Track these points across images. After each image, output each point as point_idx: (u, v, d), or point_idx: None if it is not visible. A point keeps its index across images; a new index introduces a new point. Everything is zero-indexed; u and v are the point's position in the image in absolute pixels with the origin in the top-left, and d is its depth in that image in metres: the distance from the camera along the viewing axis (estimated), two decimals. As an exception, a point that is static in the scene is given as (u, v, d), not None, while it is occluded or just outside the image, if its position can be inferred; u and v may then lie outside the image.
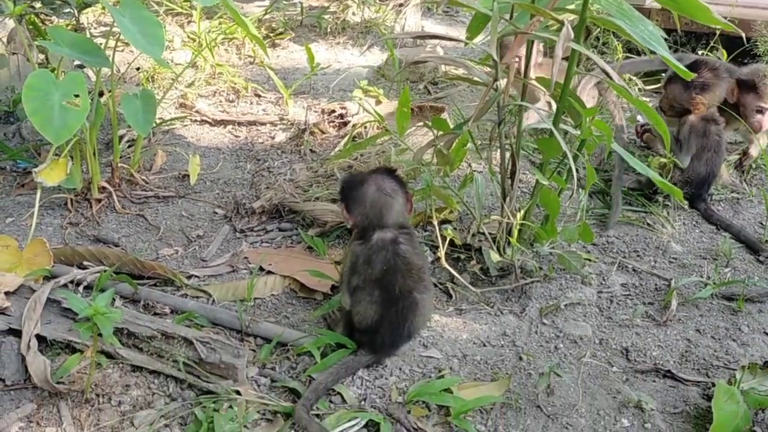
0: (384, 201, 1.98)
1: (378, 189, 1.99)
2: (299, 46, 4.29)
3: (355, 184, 2.03)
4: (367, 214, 1.99)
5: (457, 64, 2.53)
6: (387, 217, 1.99)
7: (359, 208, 2.00)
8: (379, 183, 2.00)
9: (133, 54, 3.64)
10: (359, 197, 2.00)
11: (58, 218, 2.67)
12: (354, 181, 2.05)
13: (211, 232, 2.66)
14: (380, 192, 1.99)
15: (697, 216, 2.79)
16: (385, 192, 1.99)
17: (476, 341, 2.14)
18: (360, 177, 2.06)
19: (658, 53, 2.08)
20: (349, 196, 2.03)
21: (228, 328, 2.13)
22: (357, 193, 2.01)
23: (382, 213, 1.98)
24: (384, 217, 1.98)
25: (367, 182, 2.01)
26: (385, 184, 2.00)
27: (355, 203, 2.01)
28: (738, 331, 2.23)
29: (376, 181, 2.01)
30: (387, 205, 1.99)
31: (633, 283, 2.43)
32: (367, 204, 1.99)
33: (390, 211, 1.99)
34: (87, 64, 2.70)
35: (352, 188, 2.03)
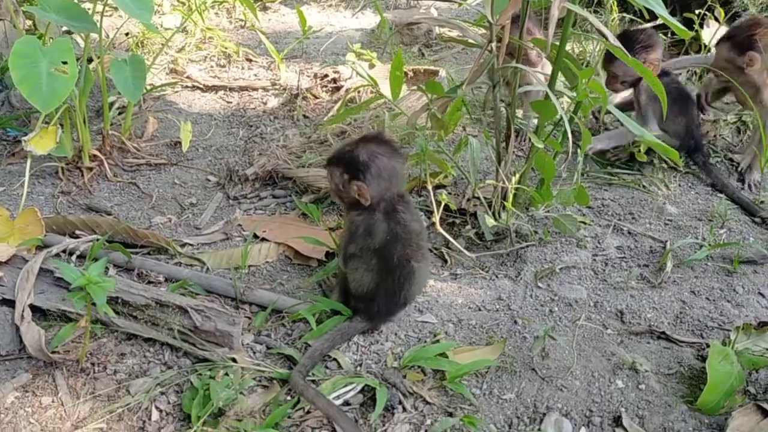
0: (400, 169, 1.92)
1: (390, 158, 1.89)
2: (291, 9, 4.22)
3: (369, 159, 1.87)
4: (389, 186, 1.90)
5: (452, 26, 2.48)
6: (399, 183, 1.94)
7: (381, 183, 1.88)
8: (387, 151, 1.90)
9: (122, 19, 3.58)
10: (379, 171, 1.87)
11: (50, 187, 2.65)
12: (363, 155, 1.88)
13: (205, 200, 2.64)
14: (390, 159, 1.89)
15: (693, 178, 2.77)
16: (399, 159, 1.92)
17: (471, 306, 2.14)
18: (366, 150, 1.89)
19: (656, 11, 2.05)
20: (366, 173, 1.86)
21: (223, 295, 2.12)
22: (375, 168, 1.87)
23: (396, 180, 1.92)
24: (400, 185, 1.94)
25: (377, 154, 1.88)
26: (392, 151, 1.91)
27: (376, 178, 1.87)
28: (733, 292, 2.24)
29: (382, 150, 1.89)
30: (401, 173, 1.93)
31: (628, 246, 2.42)
32: (386, 177, 1.88)
33: (400, 177, 1.94)
34: (75, 29, 2.65)
35: (368, 164, 1.86)
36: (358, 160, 1.88)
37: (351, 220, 1.96)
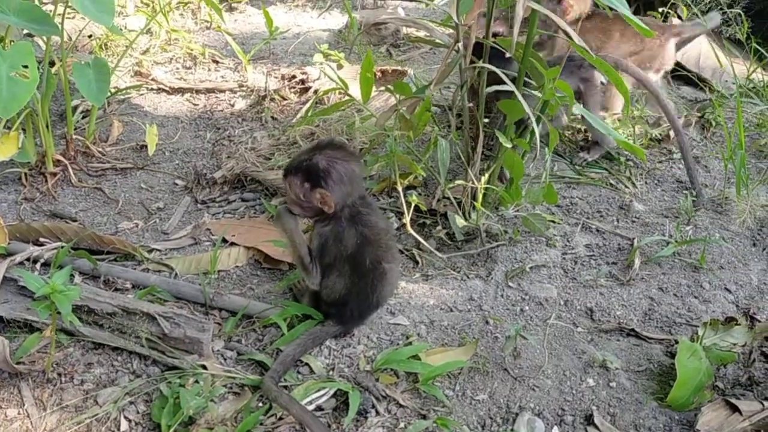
0: (359, 171, 1.90)
1: (348, 162, 1.87)
2: (257, 10, 4.19)
3: (329, 165, 1.85)
4: (351, 191, 1.88)
5: (419, 26, 2.49)
6: (359, 187, 1.92)
7: (343, 188, 1.85)
8: (344, 155, 1.88)
9: (85, 21, 3.51)
10: (340, 177, 1.84)
11: (13, 194, 2.59)
12: (323, 162, 1.85)
13: (172, 204, 2.60)
14: (353, 163, 1.88)
15: (659, 175, 2.80)
16: (356, 162, 1.90)
17: (443, 307, 2.14)
18: (324, 156, 1.86)
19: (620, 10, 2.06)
20: (328, 180, 1.83)
21: (192, 301, 2.10)
22: (336, 173, 1.84)
23: (357, 184, 1.90)
24: (360, 189, 1.92)
25: (335, 159, 1.85)
26: (348, 155, 1.90)
27: (337, 184, 1.84)
28: (700, 288, 2.27)
29: (339, 155, 1.87)
30: (360, 176, 1.91)
31: (597, 244, 2.44)
32: (347, 181, 1.85)
33: (360, 180, 1.92)
34: (36, 32, 2.60)
35: (329, 171, 1.84)
36: (318, 167, 1.84)
37: (318, 233, 1.92)
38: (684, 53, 3.44)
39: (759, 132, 3.06)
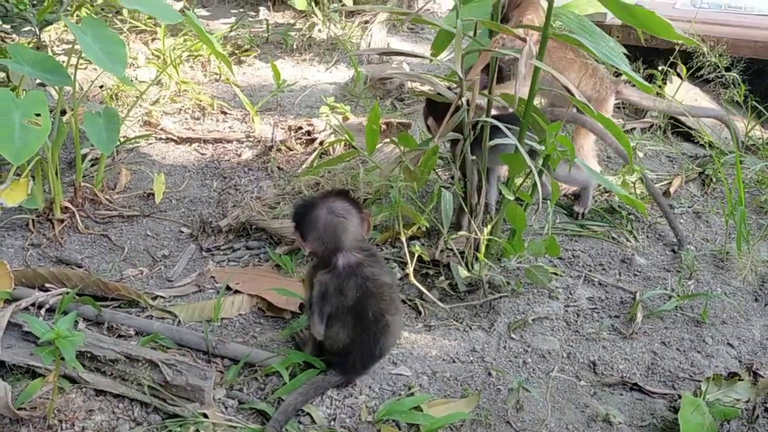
0: (337, 223, 1.90)
1: (329, 211, 1.90)
2: (265, 63, 4.28)
3: (306, 209, 1.94)
4: (322, 238, 1.91)
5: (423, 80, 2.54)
6: (343, 239, 1.91)
7: (313, 233, 1.91)
8: (330, 205, 1.91)
9: (96, 71, 3.60)
10: (311, 221, 1.91)
11: (20, 239, 2.62)
12: (305, 206, 1.96)
13: (177, 252, 2.62)
14: (332, 214, 1.90)
15: (660, 229, 2.83)
16: (337, 213, 1.90)
17: (445, 358, 2.14)
18: (311, 201, 1.97)
19: (620, 68, 2.12)
20: (301, 222, 1.94)
21: (194, 349, 2.10)
22: (309, 217, 1.92)
23: (337, 235, 1.90)
24: (340, 239, 1.91)
25: (318, 206, 1.92)
26: (337, 206, 1.91)
27: (308, 228, 1.92)
28: (702, 342, 2.26)
29: (327, 203, 1.92)
30: (341, 227, 1.90)
31: (599, 297, 2.45)
32: (320, 227, 1.90)
33: (345, 232, 1.91)
34: (49, 82, 2.66)
35: (304, 213, 1.94)
36: (298, 210, 1.97)
37: (319, 280, 1.93)
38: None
39: (759, 188, 3.09)
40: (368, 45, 4.42)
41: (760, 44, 3.70)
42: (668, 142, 3.44)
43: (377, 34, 4.51)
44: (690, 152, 3.38)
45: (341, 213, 1.91)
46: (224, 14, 5.04)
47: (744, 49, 3.65)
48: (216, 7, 5.19)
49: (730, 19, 3.92)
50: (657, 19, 2.05)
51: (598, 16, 3.45)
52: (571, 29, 2.17)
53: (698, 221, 2.90)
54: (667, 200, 3.00)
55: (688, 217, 2.93)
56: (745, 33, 3.74)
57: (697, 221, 2.90)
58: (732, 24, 3.83)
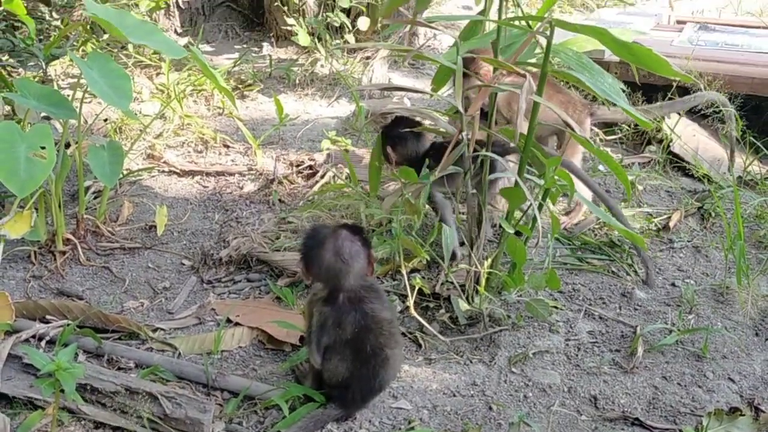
0: (339, 268, 1.89)
1: (335, 254, 1.88)
2: (268, 98, 4.32)
3: (315, 245, 1.93)
4: (324, 277, 1.93)
5: (424, 115, 2.58)
6: (344, 282, 1.91)
7: (315, 270, 1.93)
8: (338, 247, 1.89)
9: (101, 105, 3.64)
10: (316, 260, 1.92)
11: (21, 271, 2.63)
12: (314, 241, 1.94)
13: (178, 284, 2.63)
14: (337, 257, 1.88)
15: (660, 263, 2.83)
16: (342, 258, 1.88)
17: (446, 391, 2.14)
18: (321, 236, 1.94)
19: (618, 104, 2.15)
20: (307, 255, 1.95)
21: (194, 382, 2.09)
22: (314, 254, 1.92)
23: (339, 278, 1.90)
24: (341, 282, 1.91)
25: (326, 245, 1.90)
26: (344, 249, 1.89)
27: (312, 264, 1.93)
28: (703, 377, 2.26)
29: (336, 243, 1.89)
30: (343, 272, 1.90)
31: (599, 331, 2.45)
32: (323, 267, 1.91)
33: (347, 276, 1.91)
34: (54, 116, 2.70)
35: (311, 248, 1.94)
36: (307, 241, 1.98)
37: (319, 311, 1.94)
38: (683, 145, 3.53)
39: (758, 223, 3.11)
40: (370, 80, 4.47)
41: (757, 81, 3.74)
42: (667, 176, 3.46)
43: (378, 70, 4.56)
44: (689, 187, 3.40)
45: (347, 258, 1.89)
46: (228, 50, 5.11)
47: (741, 85, 3.69)
48: (220, 42, 5.26)
49: (727, 56, 3.97)
50: (654, 57, 2.08)
51: (597, 53, 3.50)
52: (570, 66, 2.20)
53: (698, 255, 2.91)
54: (667, 234, 3.01)
55: (688, 252, 2.94)
56: (742, 70, 3.79)
57: (697, 255, 2.91)
58: (729, 61, 3.88)
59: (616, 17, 4.75)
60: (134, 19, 2.73)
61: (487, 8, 2.44)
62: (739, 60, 3.91)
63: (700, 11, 5.69)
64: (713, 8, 5.84)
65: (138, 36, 2.60)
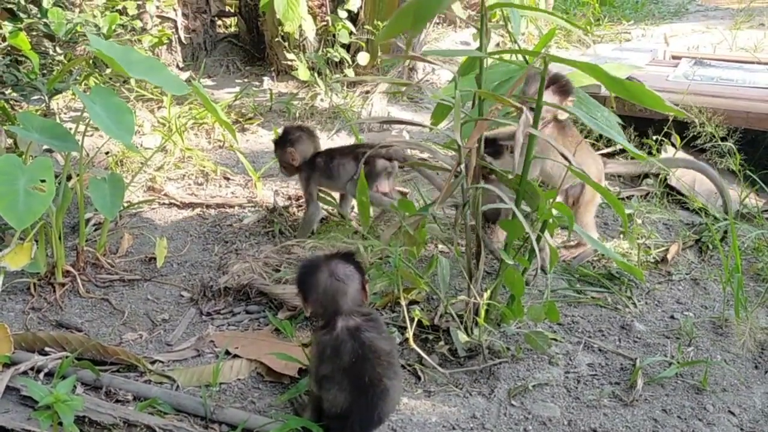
0: (336, 287, 1.95)
1: (331, 275, 1.95)
2: (268, 131, 4.37)
3: (309, 271, 1.99)
4: (322, 301, 1.96)
5: (422, 148, 2.61)
6: (341, 303, 1.95)
7: (313, 295, 1.97)
8: (333, 269, 1.96)
9: (103, 138, 3.68)
10: (312, 284, 1.97)
11: (20, 303, 2.63)
12: (308, 267, 2.01)
13: (177, 316, 2.63)
14: (333, 278, 1.95)
15: (659, 296, 2.84)
16: (337, 278, 1.95)
17: (445, 424, 2.12)
18: (315, 263, 2.02)
19: (614, 138, 2.18)
20: (303, 284, 2.00)
21: (192, 414, 2.09)
22: (310, 279, 1.98)
23: (336, 299, 1.94)
24: (338, 303, 1.95)
25: (321, 268, 1.98)
26: (339, 270, 1.96)
27: (309, 290, 1.98)
28: (703, 410, 2.25)
29: (330, 266, 1.97)
30: (340, 292, 1.95)
31: (599, 363, 2.45)
32: (320, 291, 1.96)
33: (344, 297, 1.95)
34: (56, 148, 2.73)
35: (306, 275, 2.00)
36: (301, 271, 2.02)
37: (317, 341, 1.97)
38: (679, 179, 3.56)
39: (756, 256, 3.12)
40: (369, 114, 4.52)
41: (753, 115, 3.79)
42: (664, 209, 3.48)
43: (378, 104, 4.62)
44: (686, 219, 3.42)
45: (342, 277, 1.96)
46: (229, 84, 5.17)
47: (737, 119, 3.73)
48: (221, 77, 5.33)
49: (723, 91, 4.02)
50: (647, 93, 2.12)
51: (593, 87, 3.55)
52: (566, 100, 2.24)
53: (696, 288, 2.92)
54: (665, 267, 3.02)
55: (686, 284, 2.95)
56: (737, 104, 3.83)
57: (695, 288, 2.92)
58: (725, 96, 3.93)
59: (612, 53, 4.82)
60: (138, 55, 2.77)
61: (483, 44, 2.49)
62: (735, 95, 3.96)
63: (695, 47, 5.78)
64: (708, 44, 5.93)
65: (141, 72, 2.64)
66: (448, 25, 5.83)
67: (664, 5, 7.66)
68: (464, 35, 5.67)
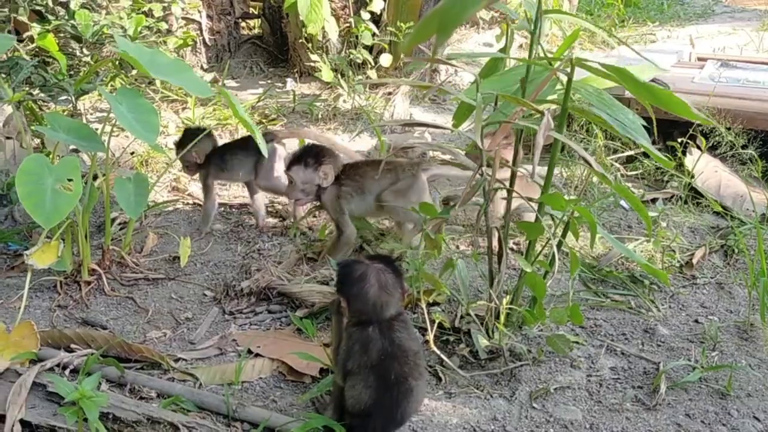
0: (385, 300, 1.94)
1: (380, 287, 1.93)
2: (291, 132, 4.38)
3: (356, 280, 1.94)
4: (368, 311, 1.94)
5: (444, 150, 2.60)
6: (386, 312, 1.95)
7: (359, 305, 1.94)
8: (381, 280, 1.93)
9: (128, 138, 3.72)
10: (361, 295, 1.93)
11: (47, 301, 2.67)
12: (354, 277, 1.95)
13: (200, 315, 2.66)
14: (382, 290, 1.93)
15: (683, 299, 2.81)
16: (387, 291, 1.93)
17: (466, 426, 2.12)
18: (360, 272, 1.95)
19: (639, 141, 2.16)
20: (349, 293, 1.95)
21: (214, 412, 2.10)
22: (358, 290, 1.93)
23: (382, 310, 1.94)
24: (383, 312, 1.94)
25: (369, 279, 1.93)
26: (387, 281, 1.94)
27: (356, 300, 1.94)
28: (728, 415, 2.22)
29: (378, 277, 1.94)
30: (387, 304, 1.94)
31: (622, 367, 2.43)
32: (369, 303, 1.93)
33: (389, 307, 1.95)
34: (83, 149, 2.76)
35: (353, 284, 1.95)
36: (346, 278, 1.97)
37: (348, 334, 1.97)
38: (704, 182, 3.53)
39: (782, 260, 3.08)
40: (391, 116, 4.53)
41: (779, 118, 3.74)
42: (689, 212, 3.45)
43: (400, 105, 4.62)
44: (712, 223, 3.39)
45: (390, 290, 1.94)
46: (253, 85, 5.21)
47: (763, 122, 3.69)
48: (245, 78, 5.36)
49: (749, 93, 3.98)
50: (673, 98, 2.09)
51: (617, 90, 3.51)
52: (591, 102, 2.22)
53: (721, 292, 2.89)
54: (689, 270, 2.99)
55: (711, 288, 2.92)
56: (763, 107, 3.79)
57: (720, 292, 2.89)
58: (751, 98, 3.89)
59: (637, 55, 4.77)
60: (164, 57, 2.80)
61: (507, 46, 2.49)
62: (762, 97, 3.91)
63: (721, 48, 5.72)
64: (734, 45, 5.87)
65: (166, 73, 2.67)
66: (471, 27, 5.82)
67: (689, 6, 7.58)
68: (487, 37, 5.65)
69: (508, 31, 2.61)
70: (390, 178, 2.87)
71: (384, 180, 2.86)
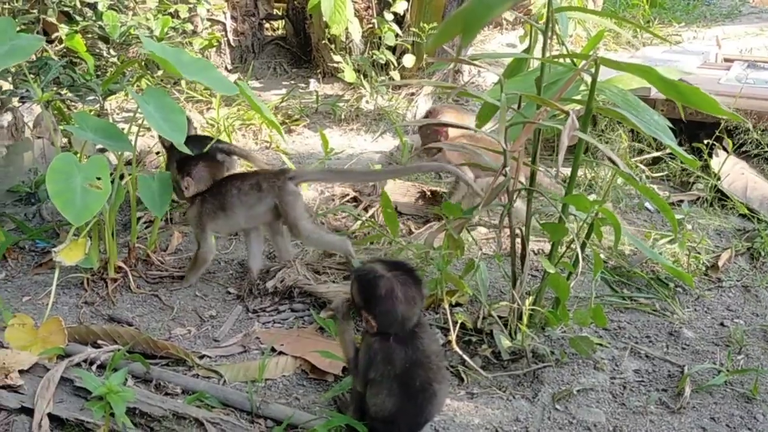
0: (412, 314, 1.89)
1: (407, 302, 1.86)
2: (314, 132, 4.41)
3: (383, 298, 1.85)
4: (395, 327, 1.88)
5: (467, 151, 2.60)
6: (411, 324, 1.91)
7: (387, 321, 1.87)
8: (408, 295, 1.86)
9: (154, 138, 3.76)
10: (390, 313, 1.86)
11: (74, 297, 2.71)
12: (380, 292, 1.86)
13: (224, 312, 2.68)
14: (409, 306, 1.87)
15: (708, 302, 2.79)
16: (413, 304, 1.88)
17: (488, 426, 2.12)
18: (386, 287, 1.86)
19: (665, 142, 2.14)
20: (377, 311, 1.87)
21: (238, 409, 2.12)
22: (386, 307, 1.86)
23: (407, 322, 1.89)
24: (407, 325, 1.90)
25: (395, 295, 1.85)
26: (413, 295, 1.88)
27: (383, 317, 1.87)
28: (753, 419, 2.20)
29: (404, 292, 1.86)
30: (413, 316, 1.90)
31: (646, 369, 2.41)
32: (397, 319, 1.87)
33: (413, 319, 1.91)
34: (110, 148, 2.80)
35: (379, 301, 1.86)
36: (370, 293, 1.88)
37: (368, 344, 1.93)
38: (731, 184, 3.49)
39: (810, 263, 3.04)
40: (414, 116, 4.53)
41: (808, 119, 3.69)
42: (715, 215, 3.41)
43: (423, 106, 4.62)
44: (738, 225, 3.35)
45: (417, 302, 1.90)
46: (276, 86, 5.24)
47: (791, 123, 3.64)
48: (269, 79, 5.40)
49: (776, 94, 3.93)
50: (702, 95, 2.07)
51: (643, 91, 3.48)
52: (616, 103, 2.21)
53: (747, 295, 2.86)
54: (715, 274, 2.97)
55: (737, 291, 2.89)
56: (791, 108, 3.74)
57: (746, 295, 2.86)
58: (778, 99, 3.84)
59: (662, 55, 4.74)
60: (189, 56, 2.83)
61: (531, 46, 2.48)
62: (789, 98, 3.86)
63: (747, 50, 5.64)
64: (761, 47, 5.79)
65: (193, 73, 2.70)
66: (494, 27, 5.80)
67: (715, 7, 7.49)
68: (510, 37, 5.63)
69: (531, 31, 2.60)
70: (254, 192, 2.72)
71: (250, 195, 2.72)
